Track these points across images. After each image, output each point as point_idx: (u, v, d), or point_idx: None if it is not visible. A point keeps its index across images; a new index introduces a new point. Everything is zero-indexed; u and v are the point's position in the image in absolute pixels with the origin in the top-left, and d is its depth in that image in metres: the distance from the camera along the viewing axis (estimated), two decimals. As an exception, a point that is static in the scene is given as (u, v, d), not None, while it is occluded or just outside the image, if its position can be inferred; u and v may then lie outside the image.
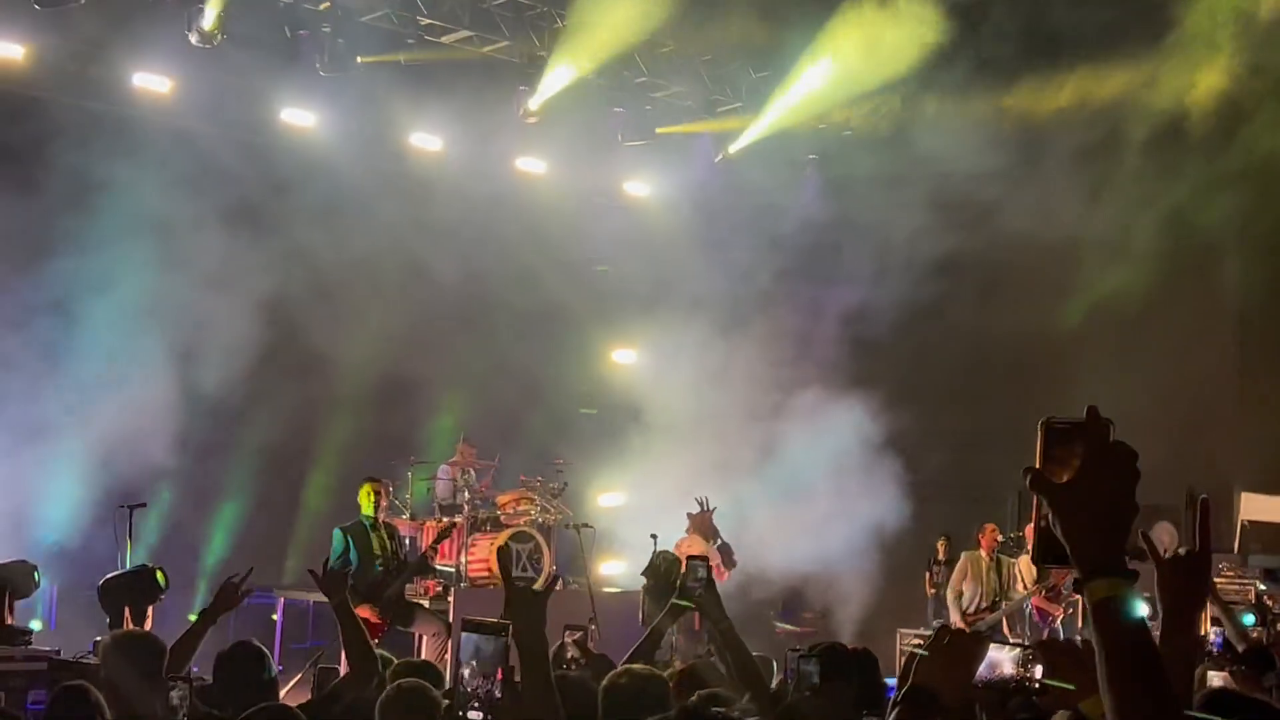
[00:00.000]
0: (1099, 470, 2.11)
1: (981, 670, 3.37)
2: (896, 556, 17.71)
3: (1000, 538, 14.92)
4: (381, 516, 12.59)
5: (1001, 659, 3.41)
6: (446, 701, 4.29)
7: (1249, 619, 14.87)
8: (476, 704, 3.23)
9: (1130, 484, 2.13)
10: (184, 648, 6.32)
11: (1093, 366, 18.42)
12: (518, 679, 3.21)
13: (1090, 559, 2.11)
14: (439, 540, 13.50)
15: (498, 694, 3.18)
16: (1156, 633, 2.56)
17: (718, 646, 5.66)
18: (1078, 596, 13.40)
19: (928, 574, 17.54)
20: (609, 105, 18.10)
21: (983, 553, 14.60)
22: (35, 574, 11.49)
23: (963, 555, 15.02)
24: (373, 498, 12.45)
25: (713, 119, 18.53)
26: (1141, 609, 2.12)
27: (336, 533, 12.35)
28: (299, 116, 16.35)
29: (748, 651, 5.57)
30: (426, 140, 17.34)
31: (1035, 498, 2.17)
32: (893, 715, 3.12)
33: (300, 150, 16.38)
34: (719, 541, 14.29)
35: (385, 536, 12.45)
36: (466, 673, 3.29)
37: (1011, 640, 11.99)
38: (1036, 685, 3.44)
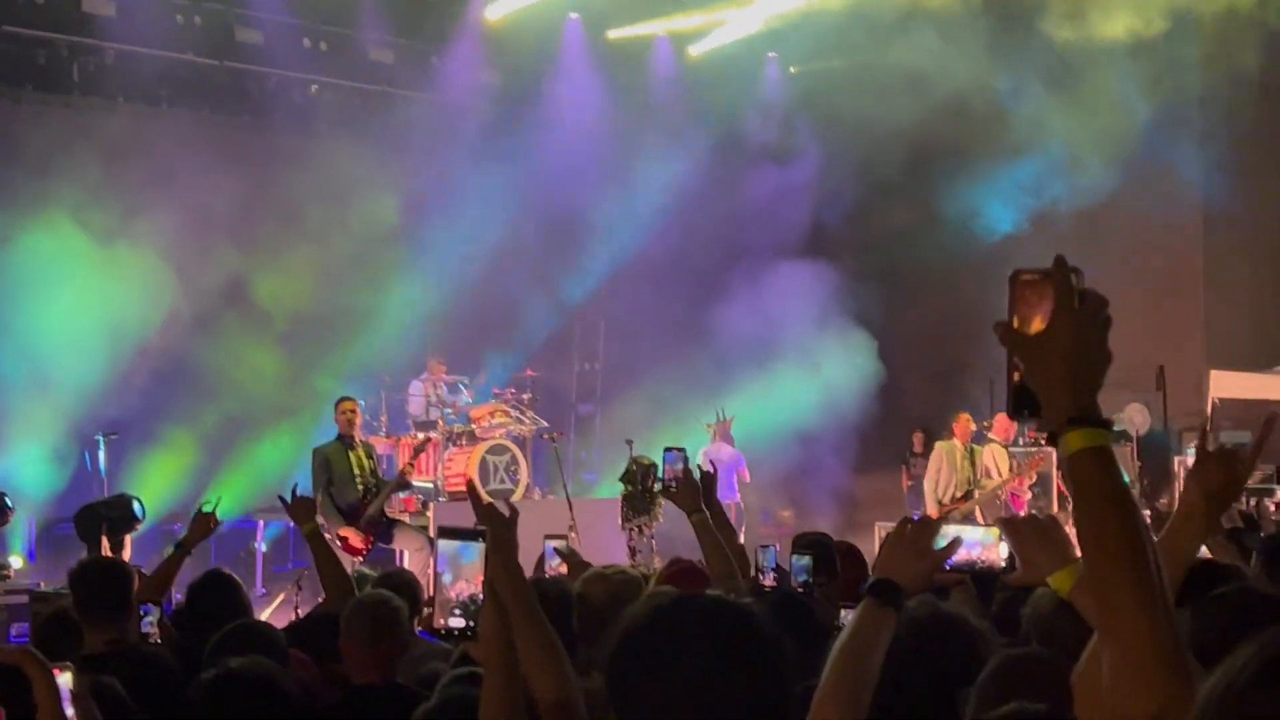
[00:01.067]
0: (1068, 319, 2.06)
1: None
2: (873, 450, 17.82)
3: (974, 427, 14.98)
4: (358, 436, 12.58)
5: (967, 543, 3.41)
6: (429, 609, 4.29)
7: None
8: (458, 610, 3.22)
9: (1101, 331, 2.08)
10: (160, 577, 6.35)
11: (1063, 253, 18.43)
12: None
13: (1064, 410, 2.06)
14: (415, 456, 13.51)
15: (479, 598, 3.17)
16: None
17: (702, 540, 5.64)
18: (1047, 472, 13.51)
19: (904, 467, 17.64)
20: (565, 11, 17.92)
21: (957, 442, 14.66)
22: (5, 499, 11.48)
23: (936, 445, 15.09)
24: (349, 417, 12.41)
25: (669, 18, 18.40)
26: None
27: (314, 453, 12.33)
28: (250, 35, 16.13)
29: (721, 542, 5.58)
30: (381, 55, 17.13)
31: (1009, 353, 2.12)
32: (860, 607, 3.11)
33: (254, 71, 16.18)
34: None
35: (363, 455, 12.44)
36: (447, 579, 3.28)
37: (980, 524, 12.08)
38: (1002, 564, 3.44)
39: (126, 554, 10.46)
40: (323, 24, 16.58)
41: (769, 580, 5.81)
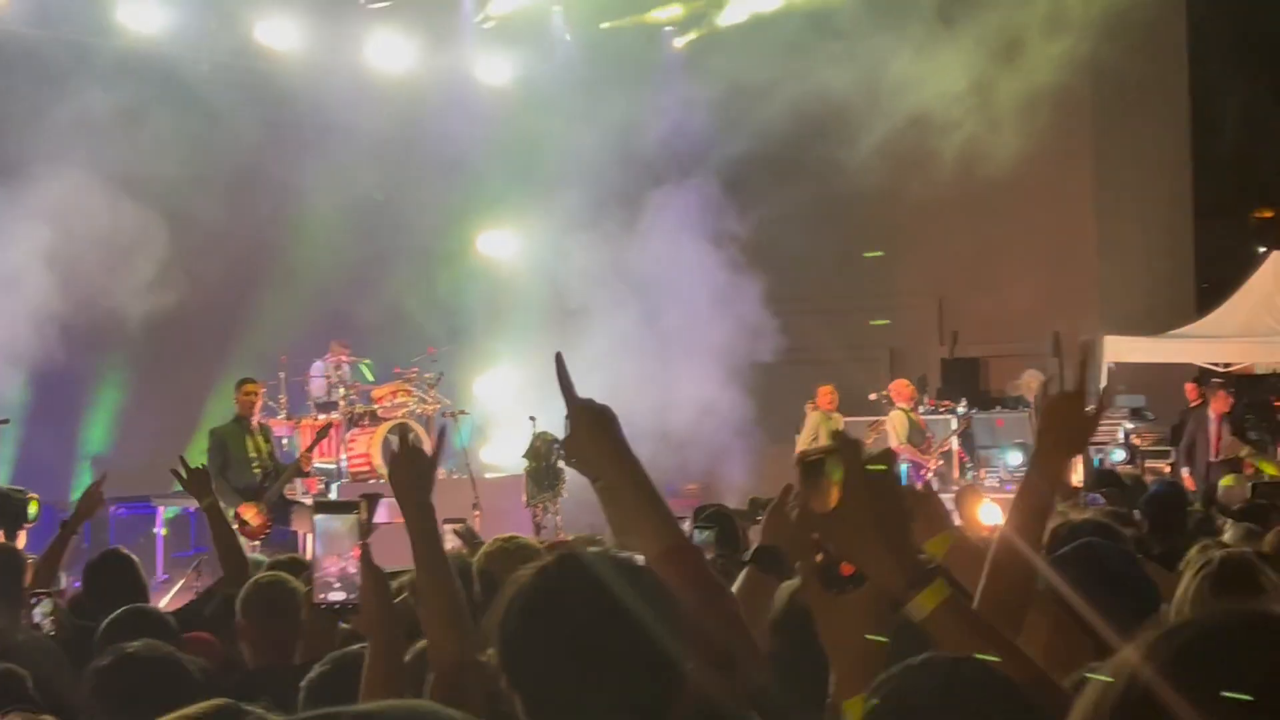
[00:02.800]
0: (861, 489, 2.11)
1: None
2: (776, 420, 17.88)
3: (837, 396, 15.38)
4: (256, 418, 12.45)
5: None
6: (308, 587, 4.26)
7: (1118, 455, 15.33)
8: (338, 584, 3.17)
9: (893, 495, 2.15)
10: (48, 562, 6.28)
11: (960, 223, 18.65)
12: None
13: (896, 578, 2.11)
14: (317, 440, 13.39)
15: (353, 571, 3.14)
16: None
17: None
18: (947, 447, 13.67)
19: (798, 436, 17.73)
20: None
21: (823, 412, 14.99)
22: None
23: (810, 414, 15.36)
24: (250, 399, 12.30)
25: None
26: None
27: (211, 434, 12.20)
28: (138, 17, 15.73)
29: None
30: (274, 36, 16.83)
31: (810, 535, 2.18)
32: (743, 576, 3.12)
33: (147, 52, 15.84)
34: None
35: (260, 439, 12.32)
36: (323, 554, 3.24)
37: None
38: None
39: (20, 544, 10.25)
40: (214, 4, 16.26)
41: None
